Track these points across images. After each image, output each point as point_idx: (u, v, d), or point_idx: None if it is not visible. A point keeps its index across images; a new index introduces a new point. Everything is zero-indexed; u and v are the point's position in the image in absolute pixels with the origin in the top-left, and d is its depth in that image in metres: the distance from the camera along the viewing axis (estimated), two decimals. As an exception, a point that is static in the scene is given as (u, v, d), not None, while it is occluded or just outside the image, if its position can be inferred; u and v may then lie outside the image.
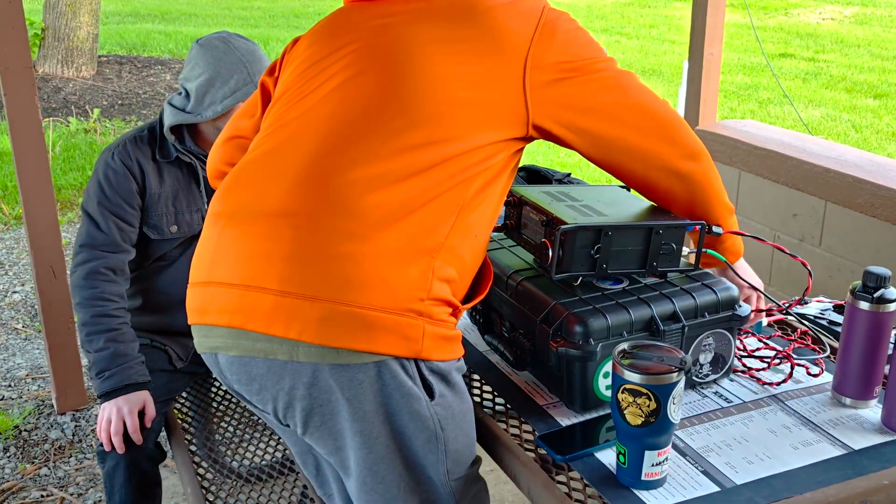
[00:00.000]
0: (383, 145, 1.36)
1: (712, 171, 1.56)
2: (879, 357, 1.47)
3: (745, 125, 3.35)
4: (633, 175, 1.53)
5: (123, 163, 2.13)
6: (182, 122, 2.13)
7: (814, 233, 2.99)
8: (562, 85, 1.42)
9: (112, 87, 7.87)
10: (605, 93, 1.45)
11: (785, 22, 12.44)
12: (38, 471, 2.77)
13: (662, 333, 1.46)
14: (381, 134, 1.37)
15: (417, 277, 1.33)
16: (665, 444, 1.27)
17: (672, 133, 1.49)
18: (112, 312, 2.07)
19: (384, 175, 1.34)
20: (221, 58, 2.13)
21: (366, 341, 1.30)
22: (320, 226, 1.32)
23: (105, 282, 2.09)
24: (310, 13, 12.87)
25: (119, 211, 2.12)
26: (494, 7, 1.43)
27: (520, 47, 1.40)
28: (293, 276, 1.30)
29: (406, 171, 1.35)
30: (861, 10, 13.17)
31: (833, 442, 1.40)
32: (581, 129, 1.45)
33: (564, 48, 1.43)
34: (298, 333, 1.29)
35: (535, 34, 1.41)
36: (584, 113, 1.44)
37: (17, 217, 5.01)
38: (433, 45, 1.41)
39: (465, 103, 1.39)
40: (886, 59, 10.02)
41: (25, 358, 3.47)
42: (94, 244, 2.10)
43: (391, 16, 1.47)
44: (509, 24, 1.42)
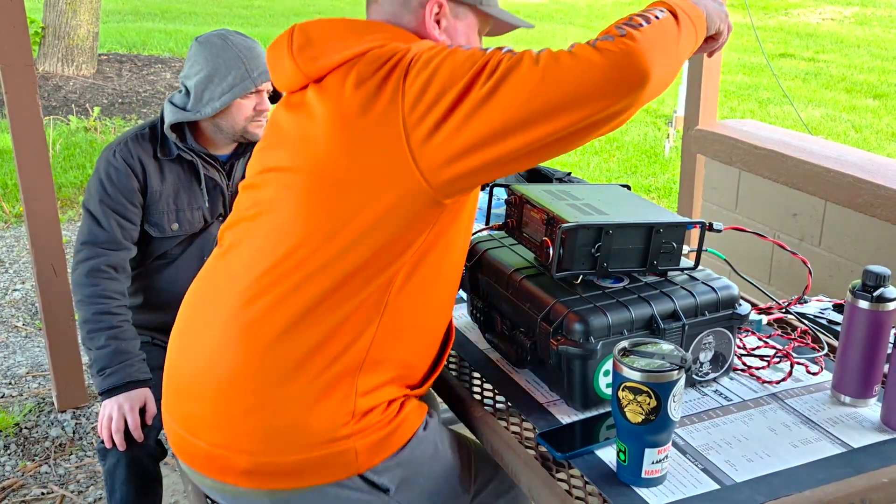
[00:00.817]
0: (285, 286, 1.36)
1: (647, 41, 1.24)
2: (879, 356, 1.48)
3: (745, 125, 3.36)
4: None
5: (125, 160, 2.13)
6: (182, 119, 2.13)
7: (814, 232, 3.00)
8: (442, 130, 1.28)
9: (112, 86, 7.88)
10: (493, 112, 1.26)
11: (785, 22, 12.44)
12: (39, 468, 2.78)
13: (663, 332, 1.46)
14: (284, 277, 1.36)
15: (338, 406, 1.35)
16: (665, 442, 1.27)
17: (590, 94, 1.22)
18: (113, 310, 2.07)
19: (291, 319, 1.35)
20: (219, 54, 2.13)
21: (296, 481, 1.37)
22: (239, 382, 1.37)
23: (106, 279, 2.09)
24: (310, 11, 12.87)
25: (120, 209, 2.12)
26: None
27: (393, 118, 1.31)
28: (218, 431, 1.39)
29: (308, 306, 1.34)
30: (861, 10, 13.17)
31: (832, 440, 1.40)
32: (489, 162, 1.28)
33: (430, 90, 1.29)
34: (234, 480, 1.39)
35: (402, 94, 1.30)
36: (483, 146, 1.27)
37: (18, 215, 5.01)
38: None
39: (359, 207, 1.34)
40: (886, 60, 10.03)
41: (26, 356, 3.48)
42: (95, 242, 2.11)
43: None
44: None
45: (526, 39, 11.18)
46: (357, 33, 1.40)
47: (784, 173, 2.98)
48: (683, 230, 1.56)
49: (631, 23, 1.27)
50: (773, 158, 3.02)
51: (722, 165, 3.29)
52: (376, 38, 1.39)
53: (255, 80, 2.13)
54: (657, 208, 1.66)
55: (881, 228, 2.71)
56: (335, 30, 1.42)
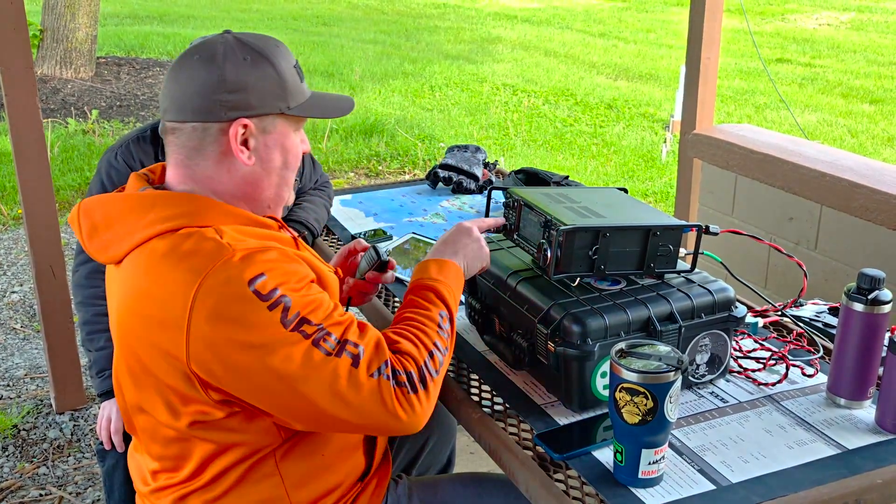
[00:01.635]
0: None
1: (434, 395, 1.36)
2: (873, 358, 1.49)
3: (741, 129, 3.37)
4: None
5: (126, 163, 2.13)
6: None
7: (809, 236, 3.01)
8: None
9: (110, 89, 7.88)
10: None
11: (782, 27, 12.48)
12: (37, 470, 2.78)
13: (659, 334, 1.48)
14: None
15: None
16: (662, 443, 1.29)
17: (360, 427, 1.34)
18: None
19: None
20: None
21: None
22: None
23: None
24: (307, 15, 12.89)
25: None
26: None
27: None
28: None
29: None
30: (857, 15, 13.21)
31: (827, 441, 1.41)
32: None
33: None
34: None
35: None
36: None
37: (16, 217, 5.01)
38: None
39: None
40: (882, 65, 10.06)
41: (24, 358, 3.48)
42: None
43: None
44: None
45: (523, 44, 11.22)
46: (137, 212, 1.32)
47: (780, 177, 2.99)
48: (680, 233, 1.57)
49: (429, 367, 1.35)
50: (770, 163, 3.03)
51: (718, 170, 3.31)
52: (162, 218, 1.31)
53: None
54: (654, 211, 1.67)
55: (876, 232, 2.73)
56: (116, 210, 1.35)
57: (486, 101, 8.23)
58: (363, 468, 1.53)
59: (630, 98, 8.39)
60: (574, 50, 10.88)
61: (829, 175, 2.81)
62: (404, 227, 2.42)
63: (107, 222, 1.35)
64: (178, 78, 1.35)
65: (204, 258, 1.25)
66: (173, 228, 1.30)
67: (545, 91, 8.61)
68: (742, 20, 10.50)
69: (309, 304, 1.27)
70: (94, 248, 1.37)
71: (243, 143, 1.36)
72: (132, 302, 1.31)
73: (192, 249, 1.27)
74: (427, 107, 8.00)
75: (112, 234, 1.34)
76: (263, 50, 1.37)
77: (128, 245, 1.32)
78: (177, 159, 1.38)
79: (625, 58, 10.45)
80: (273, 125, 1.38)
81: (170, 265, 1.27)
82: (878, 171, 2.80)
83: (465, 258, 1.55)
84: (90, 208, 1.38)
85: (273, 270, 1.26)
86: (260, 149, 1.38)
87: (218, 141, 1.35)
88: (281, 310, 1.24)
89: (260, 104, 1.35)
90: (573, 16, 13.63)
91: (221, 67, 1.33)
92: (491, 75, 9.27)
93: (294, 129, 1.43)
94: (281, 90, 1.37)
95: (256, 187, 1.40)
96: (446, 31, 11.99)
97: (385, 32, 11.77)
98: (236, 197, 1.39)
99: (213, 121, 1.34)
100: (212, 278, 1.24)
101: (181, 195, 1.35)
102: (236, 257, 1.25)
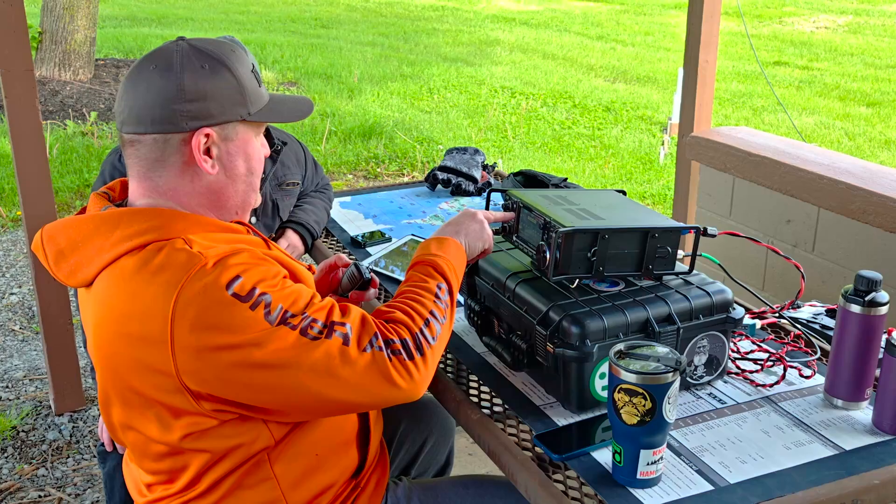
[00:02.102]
0: None
1: (433, 362, 1.38)
2: (870, 359, 1.50)
3: (739, 132, 3.38)
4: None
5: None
6: None
7: (807, 239, 3.02)
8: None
9: (109, 91, 7.88)
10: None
11: (779, 30, 12.50)
12: (36, 471, 2.78)
13: (658, 335, 1.48)
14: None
15: None
16: (660, 444, 1.29)
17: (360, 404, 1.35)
18: None
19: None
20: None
21: None
22: None
23: None
24: (306, 18, 12.90)
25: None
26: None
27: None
28: None
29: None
30: (855, 19, 13.24)
31: (825, 442, 1.42)
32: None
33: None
34: None
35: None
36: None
37: (14, 219, 5.01)
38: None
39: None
40: (879, 68, 10.08)
41: (23, 359, 3.48)
42: None
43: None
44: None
45: (521, 47, 11.23)
46: (102, 232, 1.30)
47: (778, 180, 3.00)
48: (678, 235, 1.58)
49: (425, 334, 1.36)
50: (767, 165, 3.04)
51: (716, 172, 3.32)
52: (129, 235, 1.29)
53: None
54: (652, 213, 1.68)
55: (874, 235, 2.74)
56: (81, 233, 1.33)
57: (484, 104, 8.25)
58: (356, 464, 1.54)
59: (628, 101, 8.41)
60: (572, 53, 10.90)
61: (827, 178, 2.82)
62: (403, 229, 2.42)
63: (72, 246, 1.33)
64: (136, 88, 1.33)
65: (177, 270, 1.24)
66: (141, 245, 1.28)
67: (543, 93, 8.63)
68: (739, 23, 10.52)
69: (288, 296, 1.27)
70: (63, 273, 1.35)
71: (206, 152, 1.35)
72: (111, 323, 1.29)
73: (164, 262, 1.26)
74: (425, 109, 8.01)
75: (79, 257, 1.32)
76: (221, 56, 1.35)
77: (97, 266, 1.30)
78: (138, 172, 1.36)
79: (623, 60, 10.47)
80: (235, 132, 1.37)
81: (144, 281, 1.25)
82: (876, 174, 2.81)
83: (467, 237, 1.58)
84: (53, 234, 1.35)
85: (248, 271, 1.26)
86: (223, 157, 1.37)
87: (180, 151, 1.33)
88: (263, 307, 1.24)
89: (221, 112, 1.34)
90: (571, 18, 13.65)
91: (179, 76, 1.31)
92: (489, 78, 9.28)
93: (255, 135, 1.42)
94: (241, 97, 1.36)
95: (222, 195, 1.39)
96: (444, 34, 12.00)
97: (383, 35, 11.78)
98: (203, 206, 1.38)
99: (174, 131, 1.32)
100: (188, 289, 1.23)
101: (146, 210, 1.33)
102: (209, 264, 1.25)
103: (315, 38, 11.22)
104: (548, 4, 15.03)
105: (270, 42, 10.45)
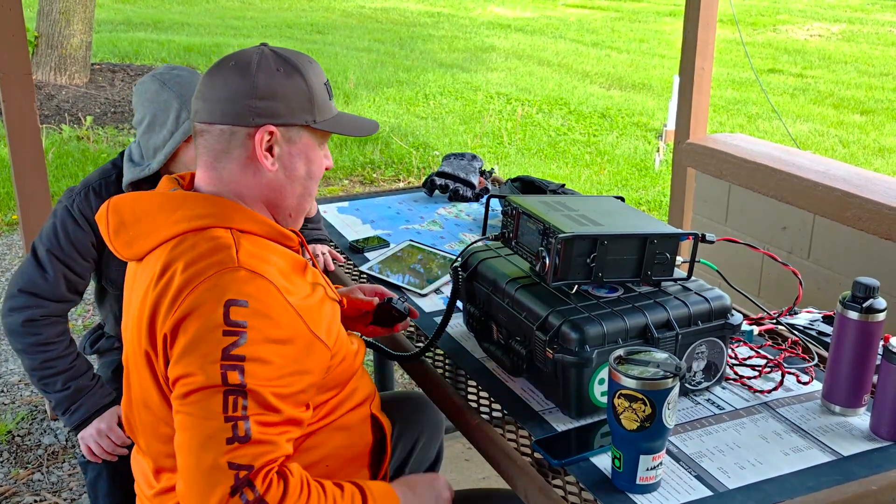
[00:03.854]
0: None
1: None
2: (868, 366, 1.51)
3: (735, 139, 3.40)
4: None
5: (83, 214, 1.98)
6: (136, 178, 1.97)
7: (802, 245, 3.04)
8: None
9: (105, 95, 7.87)
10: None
11: (773, 38, 12.55)
12: (32, 476, 2.77)
13: (657, 341, 1.49)
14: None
15: None
16: (660, 449, 1.30)
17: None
18: (62, 353, 1.97)
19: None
20: (154, 98, 1.95)
21: None
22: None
23: (46, 326, 1.96)
24: (302, 23, 12.91)
25: (70, 262, 1.98)
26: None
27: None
28: None
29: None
30: (848, 27, 13.30)
31: (823, 448, 1.43)
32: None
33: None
34: None
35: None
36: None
37: (9, 223, 5.00)
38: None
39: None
40: (873, 76, 10.13)
41: (18, 364, 3.47)
42: (35, 292, 1.96)
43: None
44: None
45: (517, 53, 11.26)
46: (165, 210, 1.37)
47: (774, 187, 3.02)
48: (677, 241, 1.59)
49: None
50: (763, 172, 3.06)
51: (712, 179, 3.33)
52: (189, 216, 1.35)
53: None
54: (651, 219, 1.69)
55: (869, 242, 2.75)
56: (144, 209, 1.39)
57: (480, 110, 8.26)
58: (368, 473, 1.55)
59: (623, 107, 8.43)
60: (567, 59, 10.93)
61: (823, 185, 2.83)
62: (401, 235, 2.43)
63: (134, 218, 1.39)
64: (213, 82, 1.39)
65: (211, 265, 1.29)
66: (198, 228, 1.34)
67: (539, 100, 8.65)
68: (734, 31, 10.57)
69: (266, 376, 1.27)
70: (119, 243, 1.41)
71: (268, 149, 1.40)
72: (147, 296, 1.34)
73: (205, 251, 1.31)
74: (421, 115, 8.02)
75: (138, 231, 1.38)
76: (297, 64, 1.41)
77: (153, 242, 1.36)
78: (205, 161, 1.42)
79: (618, 67, 10.50)
80: (299, 136, 1.42)
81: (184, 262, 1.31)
82: (871, 181, 2.82)
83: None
84: (119, 205, 1.42)
85: (256, 337, 1.26)
86: (284, 157, 1.41)
87: (244, 145, 1.39)
88: (231, 342, 1.25)
89: (287, 114, 1.39)
90: (566, 25, 13.69)
91: (254, 75, 1.37)
92: (485, 84, 9.30)
93: (318, 144, 1.46)
94: (309, 104, 1.41)
95: (279, 194, 1.43)
96: (440, 40, 12.02)
97: (379, 41, 11.79)
98: (260, 201, 1.43)
99: (240, 125, 1.38)
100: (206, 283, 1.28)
101: (209, 197, 1.39)
102: (242, 273, 1.29)
103: (311, 43, 11.23)
104: (543, 11, 15.08)
105: (266, 47, 10.45)
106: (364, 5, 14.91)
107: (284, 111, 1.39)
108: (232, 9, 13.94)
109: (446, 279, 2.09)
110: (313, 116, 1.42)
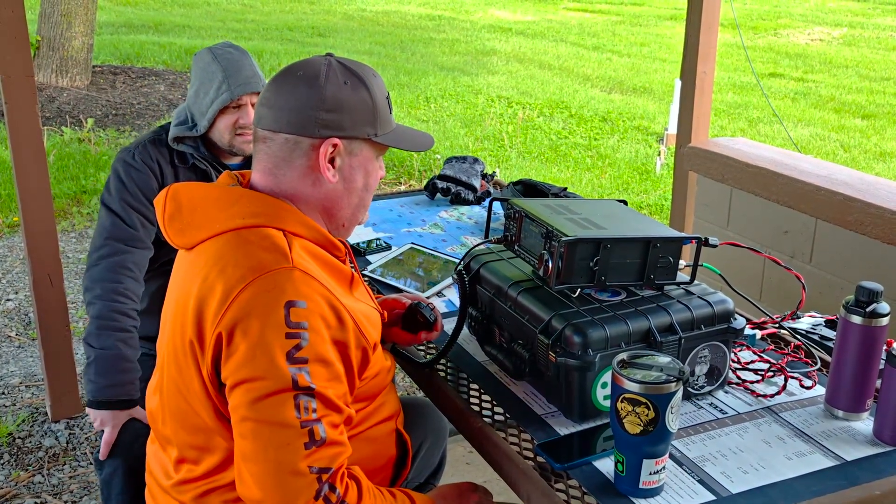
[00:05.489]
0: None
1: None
2: (871, 370, 1.50)
3: (736, 143, 3.40)
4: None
5: (144, 162, 2.17)
6: (181, 135, 2.19)
7: (804, 250, 3.03)
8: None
9: (106, 97, 7.88)
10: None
11: (774, 42, 12.56)
12: (32, 478, 2.77)
13: (660, 345, 1.49)
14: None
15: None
16: (663, 453, 1.30)
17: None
18: (129, 311, 2.06)
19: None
20: (205, 68, 2.18)
21: None
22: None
23: (130, 278, 2.08)
24: (303, 26, 12.92)
25: (142, 207, 2.14)
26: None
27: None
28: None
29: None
30: (849, 31, 13.31)
31: (826, 453, 1.43)
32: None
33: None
34: None
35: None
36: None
37: (11, 225, 5.00)
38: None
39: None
40: (874, 81, 10.13)
41: (19, 366, 3.47)
42: (120, 238, 2.10)
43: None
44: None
45: (518, 56, 11.26)
46: (221, 204, 1.40)
47: (775, 191, 3.01)
48: (680, 245, 1.58)
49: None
50: (765, 176, 3.05)
51: (714, 183, 3.33)
52: (243, 213, 1.38)
53: (234, 91, 2.13)
54: (654, 223, 1.69)
55: (871, 246, 2.75)
56: (202, 200, 1.42)
57: (481, 113, 8.26)
58: (387, 485, 1.56)
59: (624, 111, 8.43)
60: (568, 63, 10.93)
61: (825, 189, 2.83)
62: (403, 238, 2.43)
63: (191, 207, 1.42)
64: (280, 90, 1.41)
65: (264, 262, 1.32)
66: (251, 225, 1.36)
67: (540, 103, 8.65)
68: (735, 35, 10.57)
69: (325, 376, 1.30)
70: (172, 230, 1.43)
71: (330, 161, 1.41)
72: (192, 284, 1.35)
73: (258, 247, 1.33)
74: (422, 118, 8.02)
75: (192, 220, 1.41)
76: (363, 77, 1.43)
77: (206, 233, 1.38)
78: (264, 167, 1.43)
79: (619, 71, 10.51)
80: (360, 149, 1.45)
81: (233, 256, 1.33)
82: (873, 186, 2.82)
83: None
84: (178, 193, 1.44)
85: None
86: (345, 169, 1.44)
87: (307, 156, 1.41)
88: (294, 345, 1.27)
89: (352, 127, 1.41)
90: (567, 29, 13.70)
91: (322, 87, 1.39)
92: (486, 87, 9.30)
93: (376, 156, 1.48)
94: (372, 117, 1.43)
95: (336, 204, 1.45)
96: (441, 43, 12.03)
97: (380, 44, 11.80)
98: (316, 210, 1.45)
99: (305, 135, 1.40)
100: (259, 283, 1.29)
101: (265, 197, 1.41)
102: (296, 273, 1.31)
103: (312, 46, 11.23)
104: (543, 14, 15.09)
105: (267, 50, 10.46)
106: (365, 8, 14.92)
107: (349, 124, 1.41)
108: (233, 11, 13.95)
109: (448, 282, 2.09)
110: (375, 130, 1.44)
